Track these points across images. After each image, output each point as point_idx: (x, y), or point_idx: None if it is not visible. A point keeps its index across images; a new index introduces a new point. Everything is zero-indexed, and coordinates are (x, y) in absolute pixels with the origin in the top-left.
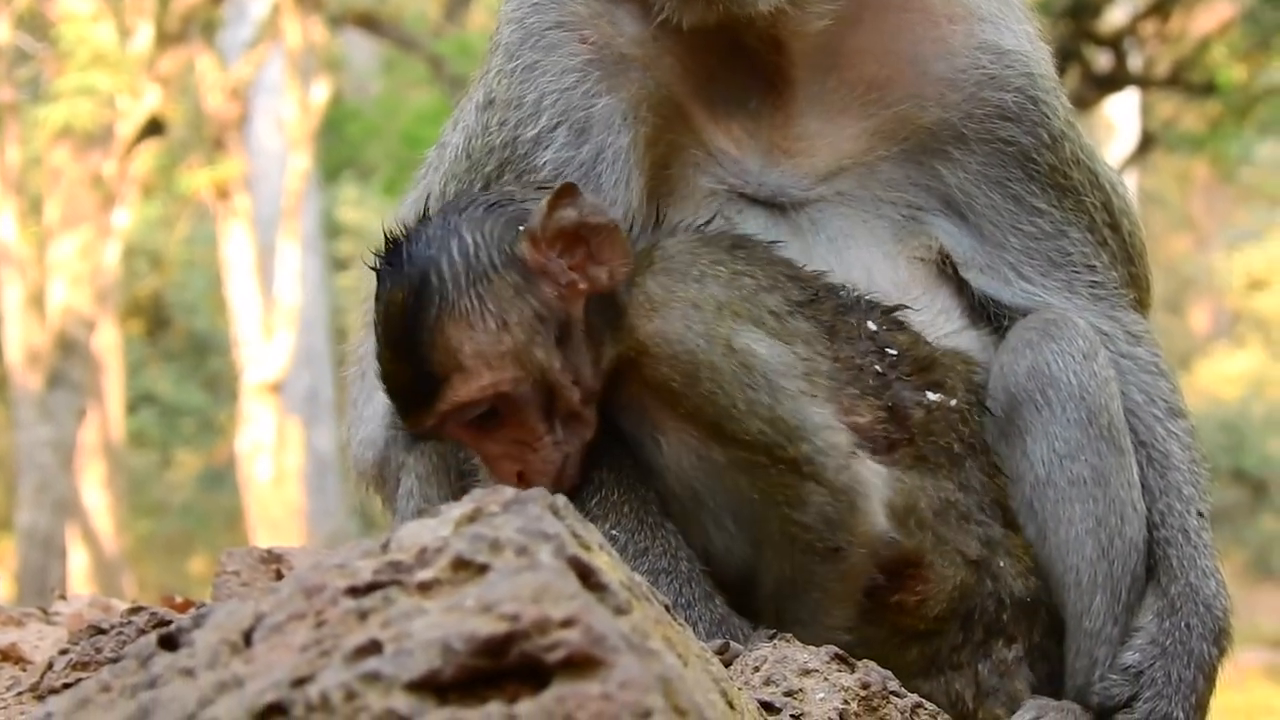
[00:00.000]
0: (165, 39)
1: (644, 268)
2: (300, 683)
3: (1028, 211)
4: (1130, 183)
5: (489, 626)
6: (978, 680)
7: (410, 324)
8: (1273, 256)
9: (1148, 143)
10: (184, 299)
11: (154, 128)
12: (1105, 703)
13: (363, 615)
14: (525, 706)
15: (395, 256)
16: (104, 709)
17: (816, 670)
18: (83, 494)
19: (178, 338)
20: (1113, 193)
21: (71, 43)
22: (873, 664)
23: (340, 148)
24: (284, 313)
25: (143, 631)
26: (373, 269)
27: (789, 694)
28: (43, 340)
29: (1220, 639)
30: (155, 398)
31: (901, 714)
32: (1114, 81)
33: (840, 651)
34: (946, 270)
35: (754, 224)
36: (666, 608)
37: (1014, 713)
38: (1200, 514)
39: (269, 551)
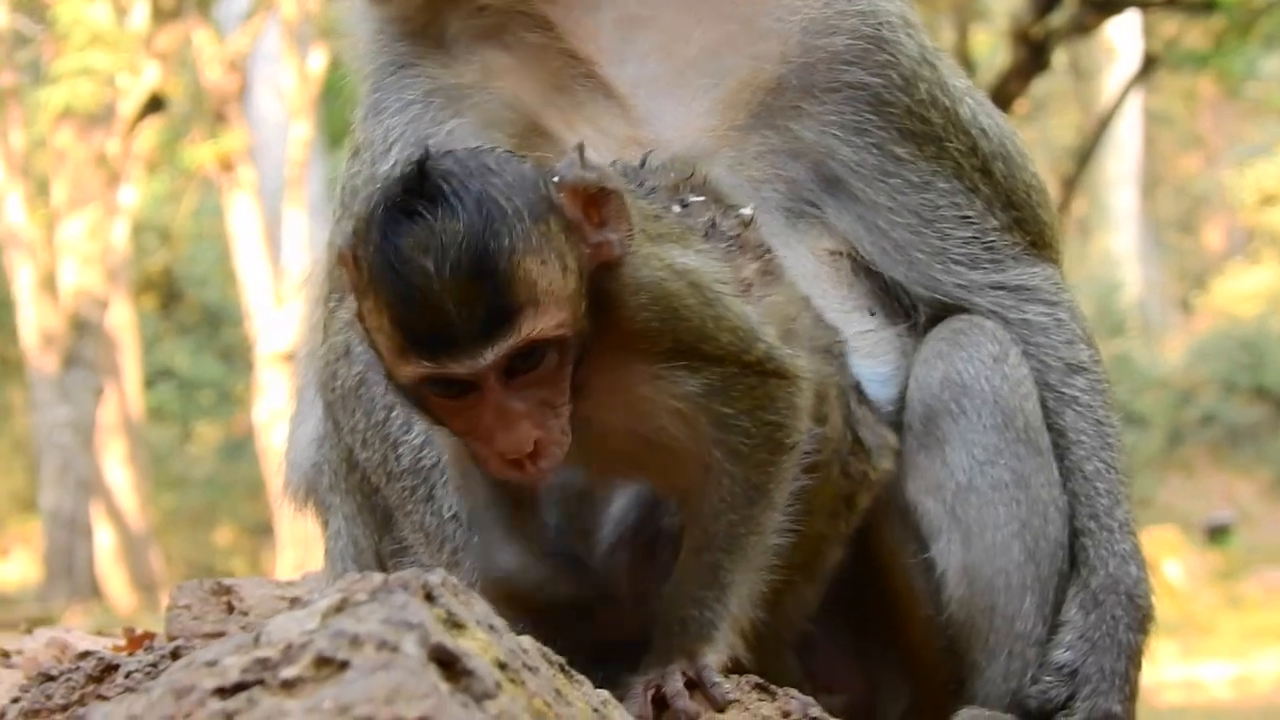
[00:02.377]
0: (161, 15)
1: None
2: None
3: (891, 160)
4: (1136, 104)
5: None
6: (861, 443)
7: (480, 255)
8: None
9: (1151, 63)
10: (195, 272)
11: (155, 104)
12: (1044, 705)
13: (228, 718)
14: None
15: (429, 188)
16: None
17: (736, 700)
18: (105, 472)
19: (191, 311)
20: (981, 136)
21: (68, 24)
22: (794, 691)
23: (342, 114)
24: (294, 281)
25: (90, 677)
26: (391, 203)
27: None
28: (57, 322)
29: (1145, 624)
30: (172, 372)
31: None
32: (1113, 4)
33: (761, 681)
34: (860, 265)
35: None
36: (561, 667)
37: (889, 454)
38: (1109, 491)
39: (219, 584)
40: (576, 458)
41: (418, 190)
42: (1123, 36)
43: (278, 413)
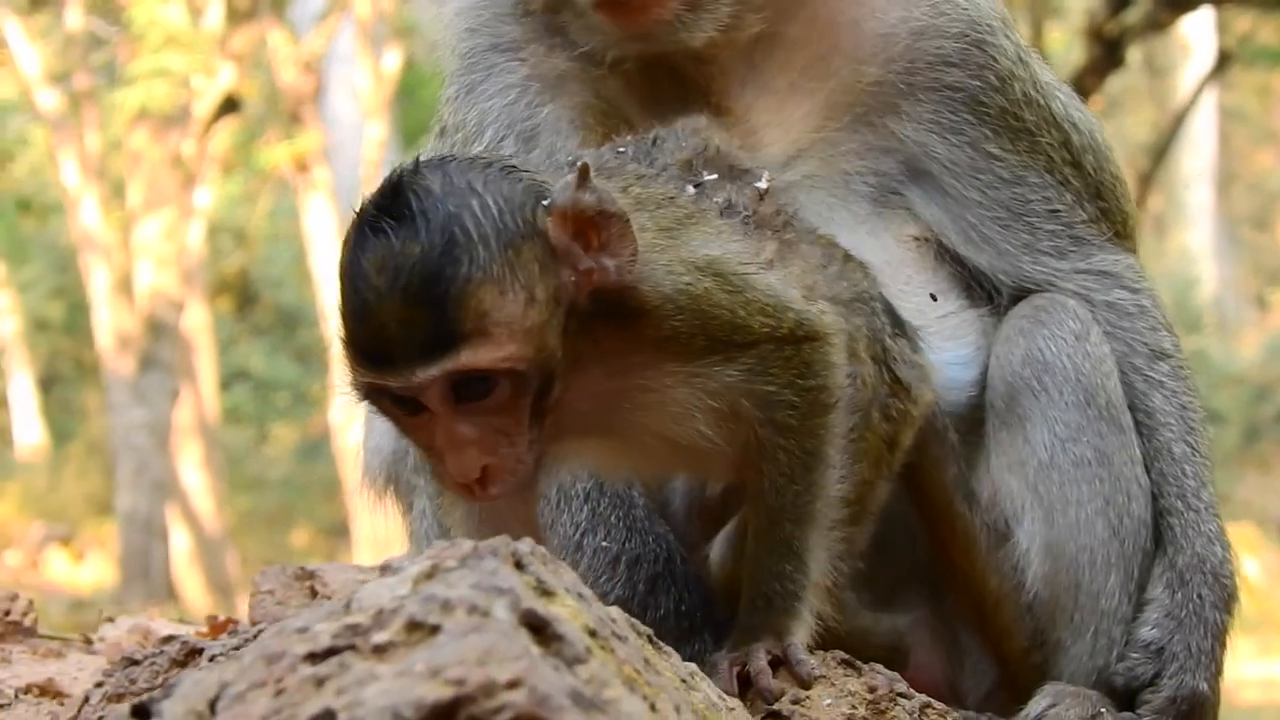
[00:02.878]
0: (236, 16)
1: None
2: None
3: (984, 157)
4: (1210, 100)
5: (436, 692)
6: (900, 382)
7: (431, 278)
8: None
9: (1225, 60)
10: (270, 273)
11: (230, 105)
12: (1131, 682)
13: (319, 682)
14: None
15: (399, 206)
16: None
17: (823, 676)
18: (181, 474)
19: (266, 312)
20: (1072, 130)
21: (143, 25)
22: (880, 666)
23: (416, 113)
24: None
25: (174, 660)
26: (364, 219)
27: (795, 701)
28: (133, 324)
29: (1230, 604)
30: (248, 374)
31: (910, 715)
32: (1187, 1)
33: (847, 657)
34: (943, 251)
35: None
36: (649, 638)
37: (928, 384)
38: (1196, 474)
39: (302, 569)
40: (621, 464)
41: (389, 207)
42: (1197, 33)
43: (354, 413)
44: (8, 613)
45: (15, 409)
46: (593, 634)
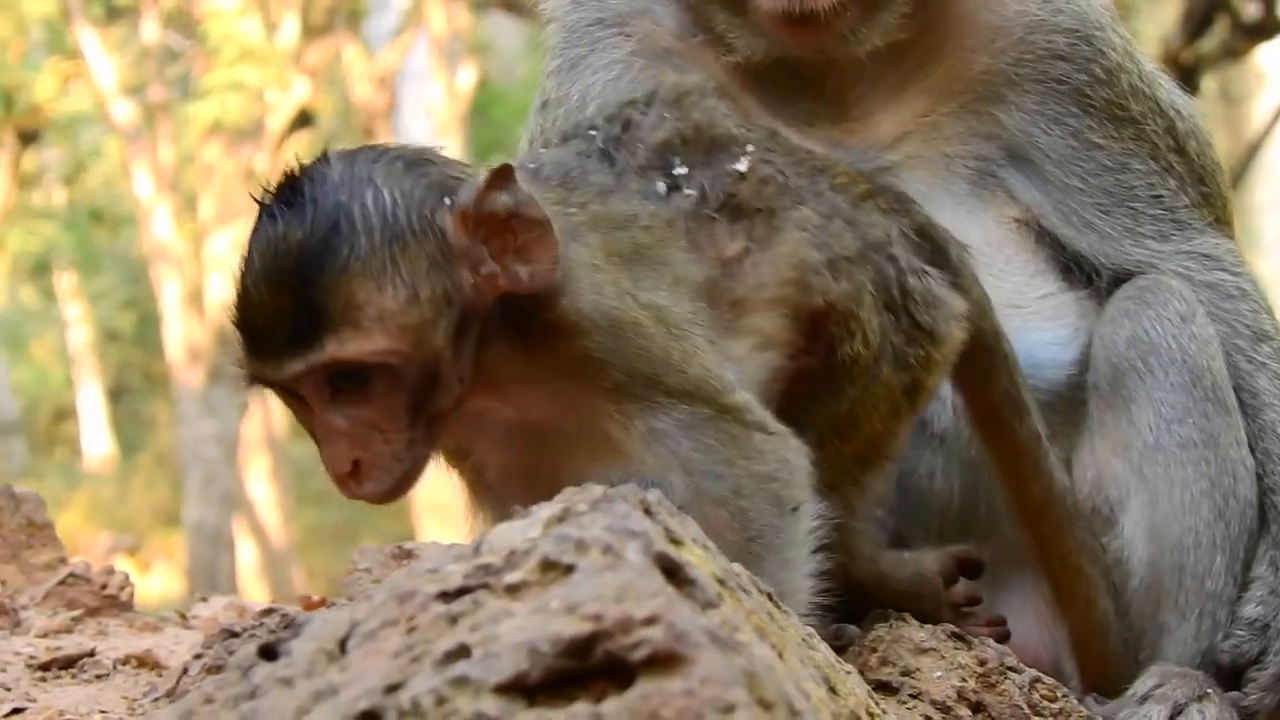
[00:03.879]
0: (311, 31)
1: None
2: (393, 689)
3: (1086, 146)
4: None
5: (574, 627)
6: (920, 327)
7: (306, 265)
8: None
9: None
10: None
11: (304, 120)
12: (1236, 660)
13: (453, 620)
14: (611, 705)
15: (291, 194)
16: (207, 719)
17: (933, 649)
18: (248, 487)
19: None
20: (1176, 117)
21: (219, 39)
22: (990, 640)
23: (489, 130)
24: None
25: (273, 633)
26: (259, 203)
27: (905, 673)
28: (203, 336)
29: None
30: None
31: (1020, 689)
32: (1264, 30)
33: (957, 629)
34: (1043, 233)
35: None
36: (769, 596)
37: (959, 323)
38: None
39: (400, 548)
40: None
41: (286, 193)
42: (1273, 62)
43: None
44: (104, 586)
45: (85, 420)
46: (721, 582)
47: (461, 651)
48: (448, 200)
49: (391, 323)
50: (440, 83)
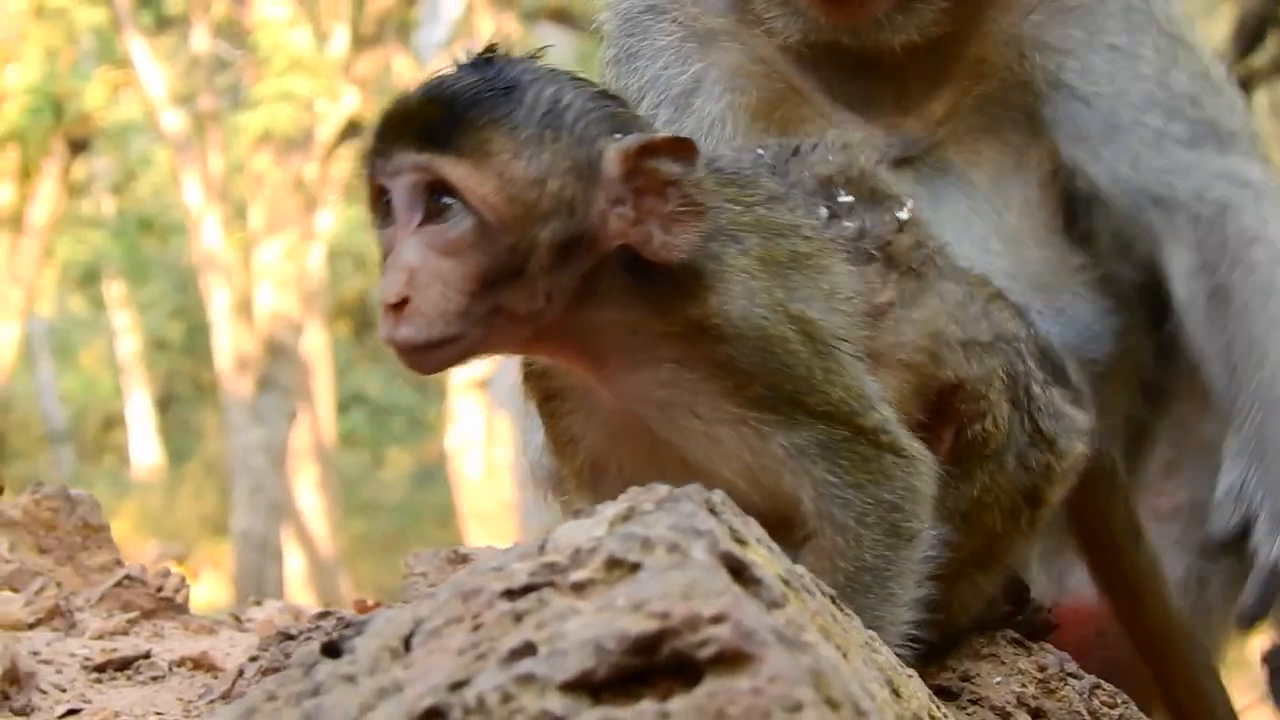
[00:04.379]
0: (361, 41)
1: None
2: (457, 686)
3: (1129, 58)
4: None
5: (640, 625)
6: (1042, 433)
7: (470, 99)
8: None
9: None
10: None
11: (353, 130)
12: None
13: (518, 617)
14: (677, 703)
15: (487, 62)
16: (270, 717)
17: (993, 654)
18: (296, 496)
19: None
20: (1212, 62)
21: (269, 49)
22: (1050, 646)
23: None
24: None
25: (333, 633)
26: (455, 62)
27: (965, 679)
28: (252, 345)
29: None
30: (364, 398)
31: (1079, 695)
32: None
33: (1017, 635)
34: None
35: None
36: (832, 599)
37: (1080, 438)
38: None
39: (455, 552)
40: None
41: (483, 58)
42: None
43: (470, 440)
44: (160, 589)
45: (133, 428)
46: (785, 582)
47: (527, 649)
48: (619, 135)
49: (508, 183)
50: None
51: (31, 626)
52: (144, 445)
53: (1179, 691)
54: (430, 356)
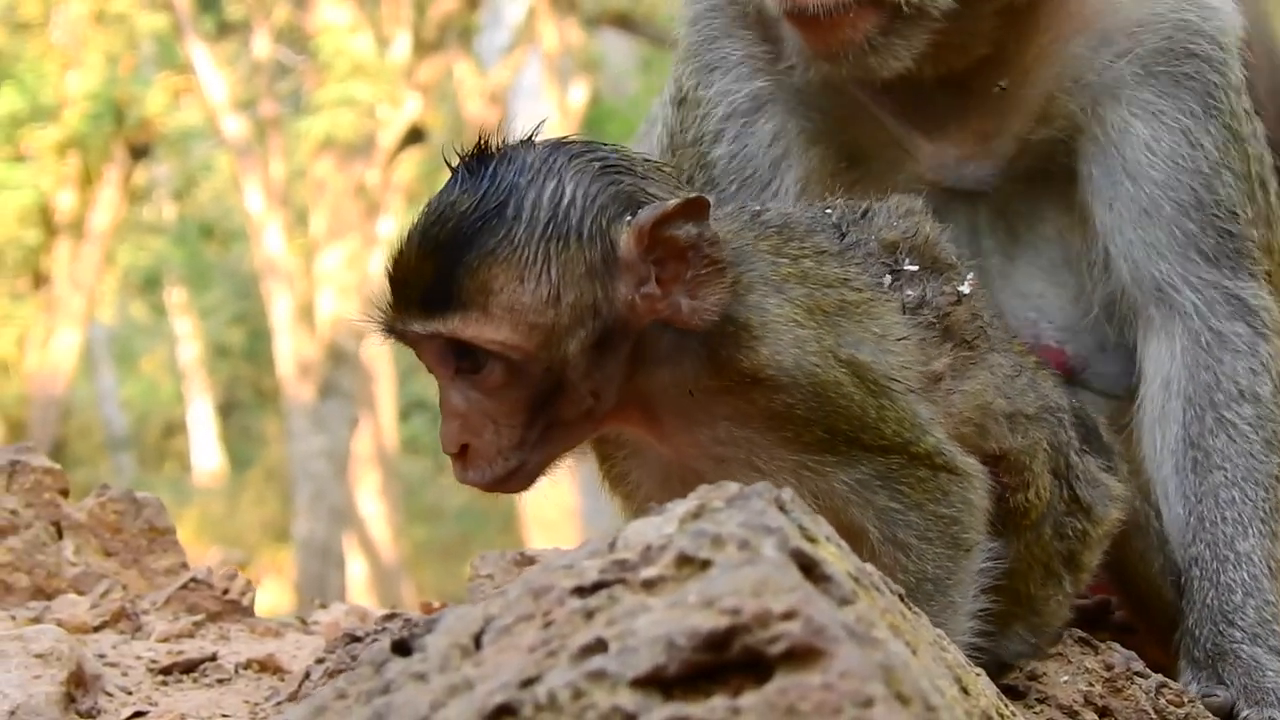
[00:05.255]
0: (423, 47)
1: None
2: (529, 683)
3: (1190, 145)
4: None
5: (711, 621)
6: (1079, 501)
7: (459, 237)
8: None
9: None
10: None
11: (415, 135)
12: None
13: (589, 614)
14: (749, 699)
15: (479, 166)
16: (340, 715)
17: (1060, 653)
18: (358, 502)
19: None
20: (1265, 151)
21: (330, 54)
22: (1116, 645)
23: None
24: None
25: (402, 632)
26: (448, 165)
27: (1032, 678)
28: (313, 351)
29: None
30: (426, 404)
31: (1146, 694)
32: None
33: (1084, 635)
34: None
35: (956, 217)
36: (900, 597)
37: (1115, 505)
38: (1238, 521)
39: (521, 554)
40: None
41: (476, 161)
42: None
43: None
44: (226, 591)
45: (195, 435)
46: (855, 579)
47: (598, 646)
48: (629, 215)
49: (521, 317)
50: (552, 99)
51: (97, 629)
52: (205, 451)
53: None
54: (506, 487)
